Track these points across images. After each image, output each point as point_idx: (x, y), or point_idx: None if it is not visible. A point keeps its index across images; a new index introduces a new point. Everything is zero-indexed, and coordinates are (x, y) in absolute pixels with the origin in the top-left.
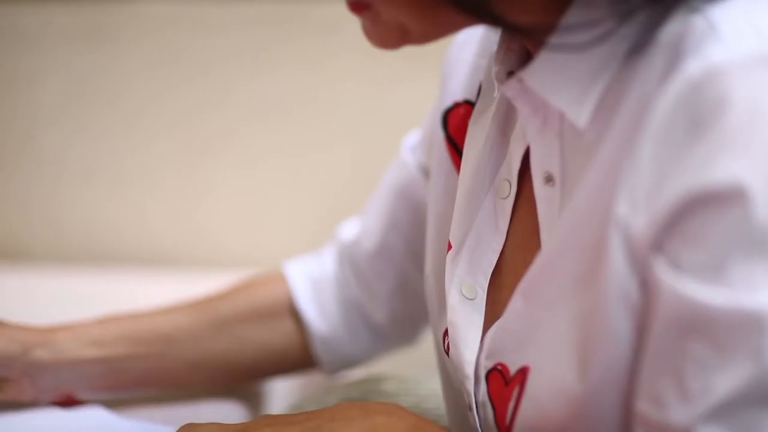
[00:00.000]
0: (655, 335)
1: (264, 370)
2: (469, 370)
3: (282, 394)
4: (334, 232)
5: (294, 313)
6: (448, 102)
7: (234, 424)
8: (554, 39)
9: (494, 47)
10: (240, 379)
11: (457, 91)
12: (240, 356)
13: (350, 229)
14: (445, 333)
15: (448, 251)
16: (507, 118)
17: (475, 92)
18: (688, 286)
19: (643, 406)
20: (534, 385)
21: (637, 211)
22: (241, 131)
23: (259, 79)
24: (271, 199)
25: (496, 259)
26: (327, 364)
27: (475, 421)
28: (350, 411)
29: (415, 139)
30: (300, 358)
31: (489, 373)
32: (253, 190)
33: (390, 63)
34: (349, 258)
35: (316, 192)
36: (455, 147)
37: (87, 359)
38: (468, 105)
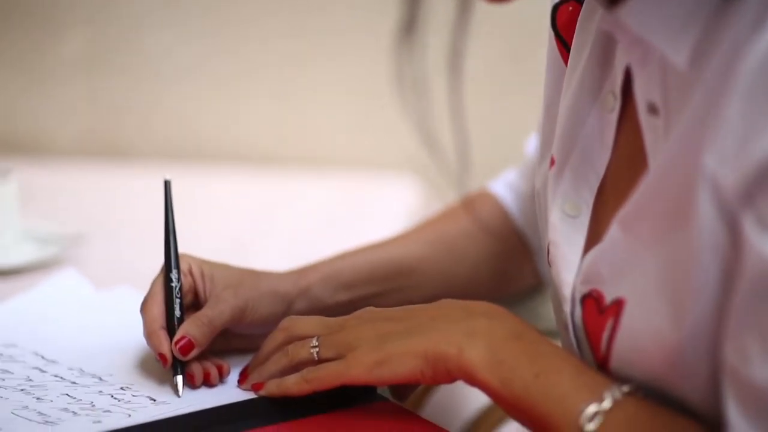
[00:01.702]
0: (742, 291)
1: (500, 294)
2: (566, 291)
3: None
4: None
5: (515, 232)
6: None
7: (335, 318)
8: None
9: None
10: None
11: None
12: (477, 283)
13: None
14: (548, 248)
15: (550, 167)
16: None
17: None
18: None
19: (730, 356)
20: (629, 320)
21: (725, 166)
22: (338, 35)
23: None
24: (369, 102)
25: (603, 172)
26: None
27: (572, 343)
28: (451, 311)
29: None
30: (529, 276)
31: (584, 298)
32: (350, 92)
33: None
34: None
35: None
36: (564, 43)
37: (338, 303)
38: (576, 3)
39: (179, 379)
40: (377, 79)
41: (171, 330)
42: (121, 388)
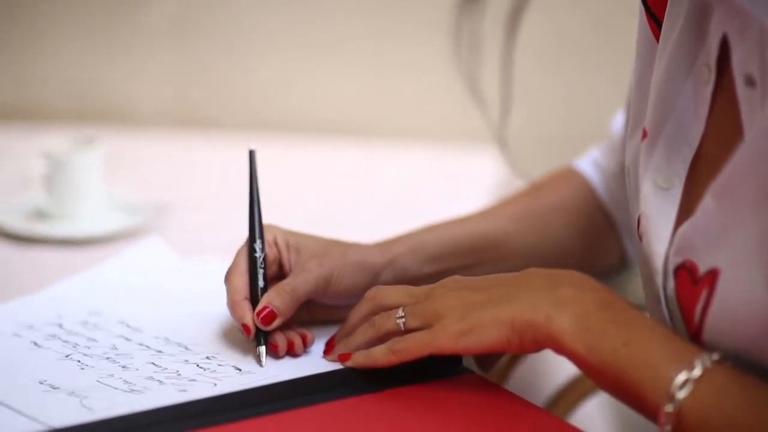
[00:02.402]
0: None
1: (584, 271)
2: (658, 263)
3: None
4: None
5: (601, 209)
6: None
7: (421, 287)
8: None
9: None
10: None
11: None
12: (562, 260)
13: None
14: (639, 220)
15: (642, 140)
16: (706, 3)
17: None
18: None
19: None
20: (724, 289)
21: None
22: (428, 6)
23: None
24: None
25: (697, 145)
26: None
27: (665, 315)
28: (538, 280)
29: None
30: (614, 254)
31: (677, 270)
32: (437, 65)
33: None
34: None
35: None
36: (654, 18)
37: (423, 276)
38: None
39: (262, 349)
40: None
41: (254, 300)
42: (207, 358)
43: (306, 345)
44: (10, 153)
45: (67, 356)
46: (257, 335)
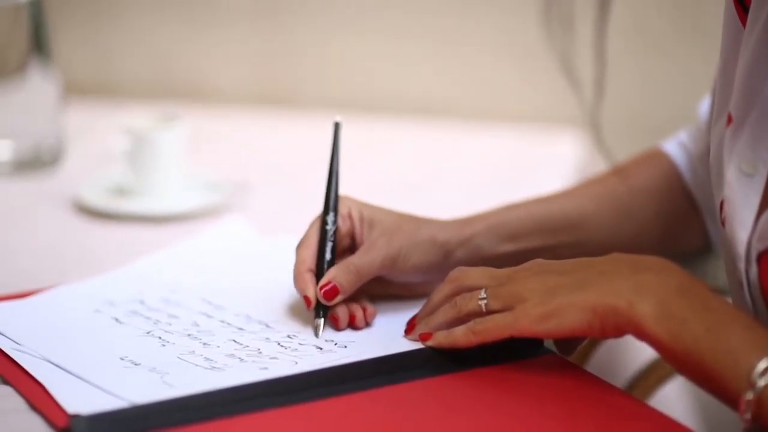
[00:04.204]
0: None
1: (666, 254)
2: (741, 249)
3: None
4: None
5: (685, 192)
6: None
7: (503, 269)
8: None
9: None
10: None
11: None
12: (643, 242)
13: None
14: (722, 205)
15: (728, 125)
16: None
17: None
18: None
19: None
20: None
21: None
22: None
23: None
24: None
25: None
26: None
27: (747, 301)
28: (620, 265)
29: None
30: (696, 238)
31: (760, 256)
32: (519, 45)
33: None
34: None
35: None
36: (741, 3)
37: (500, 255)
38: None
39: (320, 321)
40: None
41: (320, 273)
42: (288, 336)
43: (367, 318)
44: (92, 129)
45: (148, 333)
46: (317, 308)
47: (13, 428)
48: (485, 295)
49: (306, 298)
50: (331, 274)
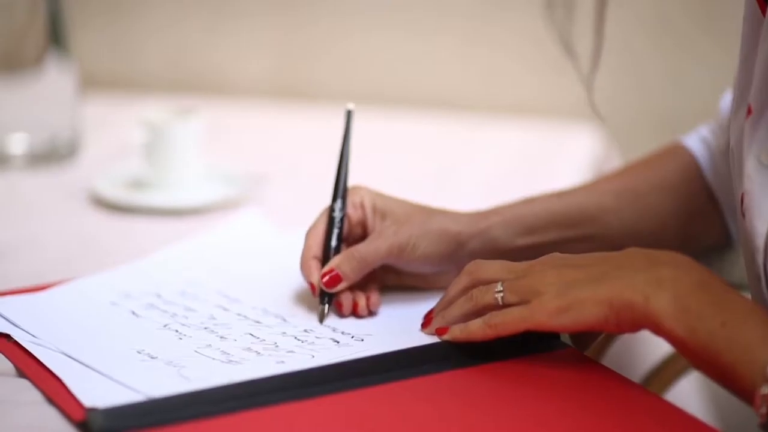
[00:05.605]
0: None
1: (685, 251)
2: (760, 242)
3: None
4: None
5: (705, 187)
6: None
7: (520, 263)
8: None
9: None
10: None
11: None
12: (662, 238)
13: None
14: (742, 198)
15: (747, 116)
16: None
17: None
18: None
19: None
20: None
21: None
22: None
23: None
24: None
25: None
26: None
27: (765, 295)
28: (637, 259)
29: None
30: (716, 234)
31: None
32: (537, 40)
33: None
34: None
35: None
36: None
37: (516, 248)
38: None
39: (323, 308)
40: None
41: (326, 259)
42: (305, 330)
43: (371, 307)
44: (109, 122)
45: (165, 326)
46: (321, 294)
47: (30, 421)
48: (501, 289)
49: (311, 285)
50: (334, 262)
